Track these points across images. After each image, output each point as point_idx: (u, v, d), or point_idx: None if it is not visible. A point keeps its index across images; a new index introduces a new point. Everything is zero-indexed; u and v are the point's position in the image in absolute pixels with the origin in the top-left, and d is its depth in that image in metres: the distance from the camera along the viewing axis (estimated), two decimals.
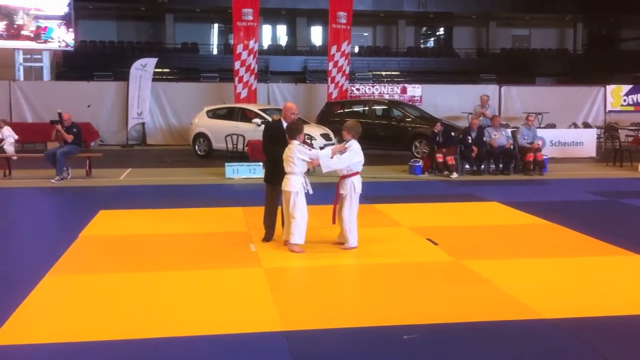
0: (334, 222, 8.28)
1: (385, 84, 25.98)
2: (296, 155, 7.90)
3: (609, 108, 25.09)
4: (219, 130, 18.49)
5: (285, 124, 8.55)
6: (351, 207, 8.11)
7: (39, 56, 25.52)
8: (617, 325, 5.65)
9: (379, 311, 5.98)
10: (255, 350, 5.08)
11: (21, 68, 25.36)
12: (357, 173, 8.14)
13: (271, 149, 8.59)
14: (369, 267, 7.50)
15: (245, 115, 18.58)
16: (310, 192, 8.13)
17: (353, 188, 8.07)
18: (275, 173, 8.41)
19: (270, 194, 8.70)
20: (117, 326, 5.55)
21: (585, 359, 5.00)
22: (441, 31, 43.24)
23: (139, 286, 6.73)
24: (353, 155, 7.99)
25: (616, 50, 41.03)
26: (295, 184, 7.96)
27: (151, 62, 23.28)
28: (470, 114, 20.48)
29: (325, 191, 8.94)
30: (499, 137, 15.89)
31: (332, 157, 7.99)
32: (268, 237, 8.66)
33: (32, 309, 6.02)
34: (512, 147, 16.02)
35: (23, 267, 7.53)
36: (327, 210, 8.51)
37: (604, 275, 7.23)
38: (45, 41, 24.85)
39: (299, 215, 7.95)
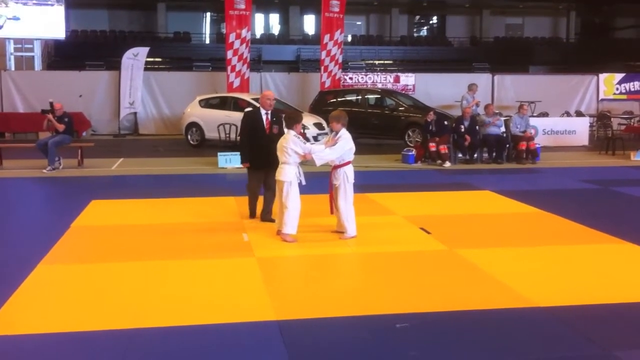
0: (332, 212, 8.27)
1: (378, 73, 25.94)
2: (290, 146, 7.89)
3: (601, 96, 25.13)
4: (212, 120, 18.42)
5: (263, 112, 9.07)
6: (346, 196, 8.11)
7: (30, 45, 25.34)
8: (610, 313, 5.66)
9: (372, 300, 5.98)
10: (249, 340, 5.07)
11: (12, 57, 25.18)
12: (349, 162, 8.13)
13: (245, 137, 9.22)
14: (362, 256, 7.50)
15: (238, 105, 18.49)
16: (303, 182, 8.13)
17: (346, 178, 8.07)
18: (255, 158, 9.04)
19: (253, 178, 9.27)
20: (109, 316, 5.53)
21: (578, 347, 5.01)
22: (434, 20, 43.14)
23: (131, 276, 6.71)
24: (344, 144, 7.98)
25: (609, 38, 41.03)
26: (288, 174, 7.95)
27: (143, 51, 23.17)
28: (458, 101, 20.44)
29: (318, 180, 8.93)
30: (498, 122, 15.95)
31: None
32: (253, 216, 9.33)
33: (24, 299, 6.00)
34: (504, 135, 16.03)
35: (15, 257, 7.49)
36: (321, 200, 8.52)
37: (597, 264, 7.24)
38: None
39: (292, 205, 7.95)
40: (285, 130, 8.19)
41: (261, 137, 8.97)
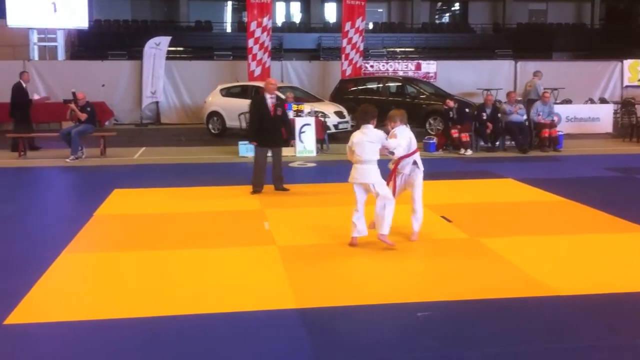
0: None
1: (400, 61, 25.78)
2: (374, 141, 7.26)
3: (625, 83, 24.78)
4: (233, 109, 18.44)
5: (268, 97, 10.31)
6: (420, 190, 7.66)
7: (54, 36, 25.48)
8: (635, 303, 5.61)
9: (393, 288, 5.98)
10: (270, 328, 5.10)
11: (36, 48, 25.34)
12: (417, 150, 7.71)
13: (255, 118, 10.38)
14: (382, 245, 7.47)
15: (259, 94, 18.47)
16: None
17: (417, 166, 7.64)
18: (262, 137, 10.29)
19: (260, 155, 10.40)
20: (131, 304, 5.59)
21: (602, 336, 4.97)
22: (456, 6, 42.74)
23: (154, 264, 6.77)
24: (403, 137, 7.52)
25: (634, 24, 40.41)
26: (374, 175, 7.24)
27: (165, 40, 23.24)
28: (487, 90, 20.33)
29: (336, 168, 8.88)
30: (520, 111, 15.81)
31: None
32: (256, 190, 10.35)
33: (47, 287, 6.07)
34: (526, 123, 15.90)
35: (38, 246, 7.58)
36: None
37: (620, 252, 7.17)
38: None
39: (390, 206, 7.27)
40: (363, 125, 7.40)
41: (267, 119, 10.24)
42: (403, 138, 7.51)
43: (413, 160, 7.63)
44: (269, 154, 10.57)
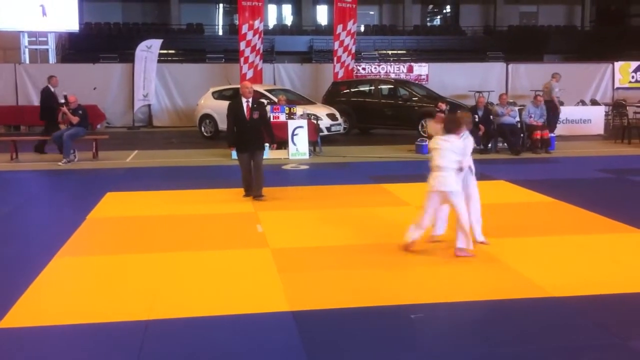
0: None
1: (392, 63, 25.83)
2: (456, 152, 7.01)
3: (617, 85, 24.90)
4: (225, 112, 18.38)
5: (244, 100, 10.21)
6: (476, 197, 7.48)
7: (45, 39, 25.42)
8: (626, 303, 5.64)
9: (387, 290, 5.99)
10: (263, 330, 5.10)
11: (26, 51, 25.27)
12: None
13: (231, 122, 10.33)
14: (376, 247, 7.48)
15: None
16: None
17: (471, 171, 7.42)
18: (240, 141, 10.22)
19: (242, 160, 10.27)
20: (125, 307, 5.57)
21: (594, 337, 4.99)
22: (448, 9, 42.86)
23: (147, 267, 6.75)
24: (469, 146, 7.31)
25: (625, 26, 40.60)
26: (452, 183, 6.94)
27: (156, 43, 23.21)
28: (478, 92, 20.38)
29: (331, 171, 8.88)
30: (512, 113, 15.84)
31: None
32: (247, 194, 10.22)
33: (40, 291, 6.05)
34: (518, 125, 15.94)
35: (31, 249, 7.56)
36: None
37: (613, 253, 7.20)
38: None
39: (465, 218, 6.99)
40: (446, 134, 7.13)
41: (243, 123, 10.13)
42: (469, 147, 7.24)
43: (468, 166, 7.34)
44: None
